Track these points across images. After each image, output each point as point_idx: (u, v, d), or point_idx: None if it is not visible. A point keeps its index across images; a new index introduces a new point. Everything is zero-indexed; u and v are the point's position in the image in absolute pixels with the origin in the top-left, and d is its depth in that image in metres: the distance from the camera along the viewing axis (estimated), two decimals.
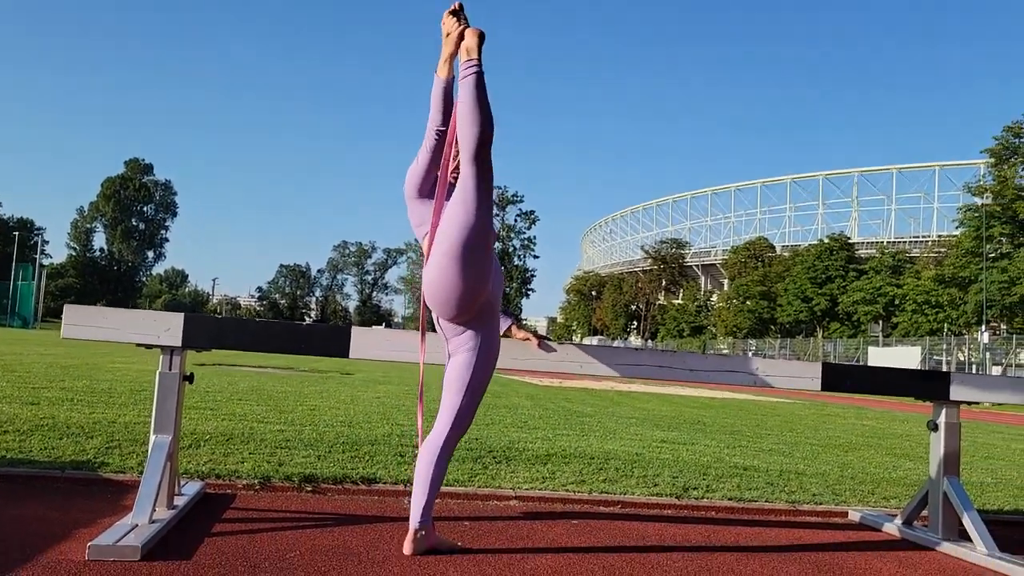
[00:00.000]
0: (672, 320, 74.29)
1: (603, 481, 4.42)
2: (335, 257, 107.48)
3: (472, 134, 2.56)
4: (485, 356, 2.83)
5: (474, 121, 2.56)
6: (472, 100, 2.57)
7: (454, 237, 2.61)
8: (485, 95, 2.58)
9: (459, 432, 2.86)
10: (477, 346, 2.81)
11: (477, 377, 2.82)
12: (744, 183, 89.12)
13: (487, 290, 2.75)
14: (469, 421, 2.88)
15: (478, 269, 2.66)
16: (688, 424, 8.86)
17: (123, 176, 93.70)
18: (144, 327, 2.99)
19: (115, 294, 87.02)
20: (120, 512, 2.97)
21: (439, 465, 2.80)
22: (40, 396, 6.22)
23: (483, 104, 2.57)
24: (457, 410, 2.82)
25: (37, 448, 4.05)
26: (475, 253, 2.62)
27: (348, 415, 6.64)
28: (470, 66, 2.61)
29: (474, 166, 2.58)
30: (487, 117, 2.57)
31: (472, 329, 2.80)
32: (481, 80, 2.59)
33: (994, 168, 41.64)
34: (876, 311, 52.07)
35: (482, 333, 2.82)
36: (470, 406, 2.84)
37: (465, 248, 2.60)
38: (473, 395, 2.83)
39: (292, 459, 4.25)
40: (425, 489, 2.77)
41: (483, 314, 2.80)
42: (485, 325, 2.83)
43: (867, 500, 4.67)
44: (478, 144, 2.56)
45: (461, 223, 2.60)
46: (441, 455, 2.81)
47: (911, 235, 71.05)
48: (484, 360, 2.83)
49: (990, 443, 9.74)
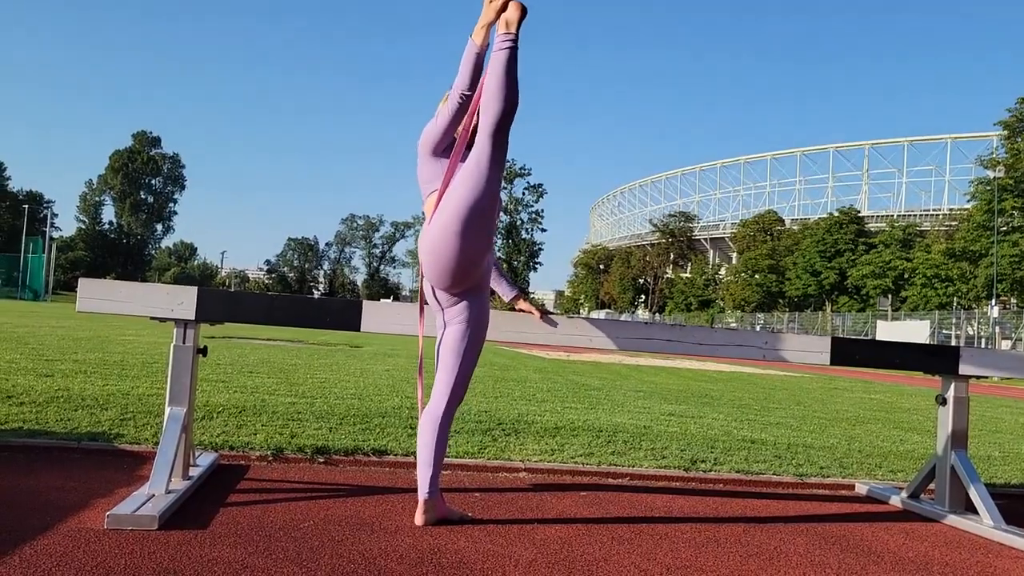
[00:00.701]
0: (680, 294, 74.21)
1: (611, 454, 4.46)
2: (343, 230, 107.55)
3: (497, 107, 2.56)
4: (477, 326, 2.87)
5: (501, 95, 2.56)
6: (503, 74, 2.56)
7: (459, 203, 2.62)
8: (515, 71, 2.58)
9: (456, 401, 2.90)
10: (470, 317, 2.84)
11: (471, 347, 2.86)
12: (754, 156, 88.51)
13: (484, 262, 2.77)
14: (464, 390, 2.92)
15: (478, 239, 2.67)
16: (696, 398, 8.90)
17: (131, 149, 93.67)
18: (158, 301, 3.02)
19: (125, 267, 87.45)
20: (136, 482, 3.02)
21: (440, 435, 2.84)
22: (54, 368, 6.29)
23: (512, 79, 2.57)
24: (453, 380, 2.86)
25: (53, 420, 4.11)
26: (478, 222, 2.63)
27: (358, 388, 6.69)
28: (507, 39, 2.60)
29: (493, 138, 2.59)
30: (514, 93, 2.57)
31: (467, 300, 2.83)
32: (515, 55, 2.58)
33: (1007, 141, 41.13)
34: (885, 285, 51.84)
35: (476, 304, 2.85)
36: (465, 375, 2.88)
37: (469, 216, 2.61)
38: (468, 365, 2.86)
39: (304, 431, 4.30)
40: (430, 460, 2.82)
41: (478, 287, 2.83)
42: (479, 297, 2.86)
43: (874, 473, 4.69)
44: (501, 117, 2.57)
45: (469, 190, 2.61)
46: (442, 425, 2.85)
47: (922, 208, 70.53)
48: (477, 330, 2.87)
49: (998, 417, 9.74)
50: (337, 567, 2.30)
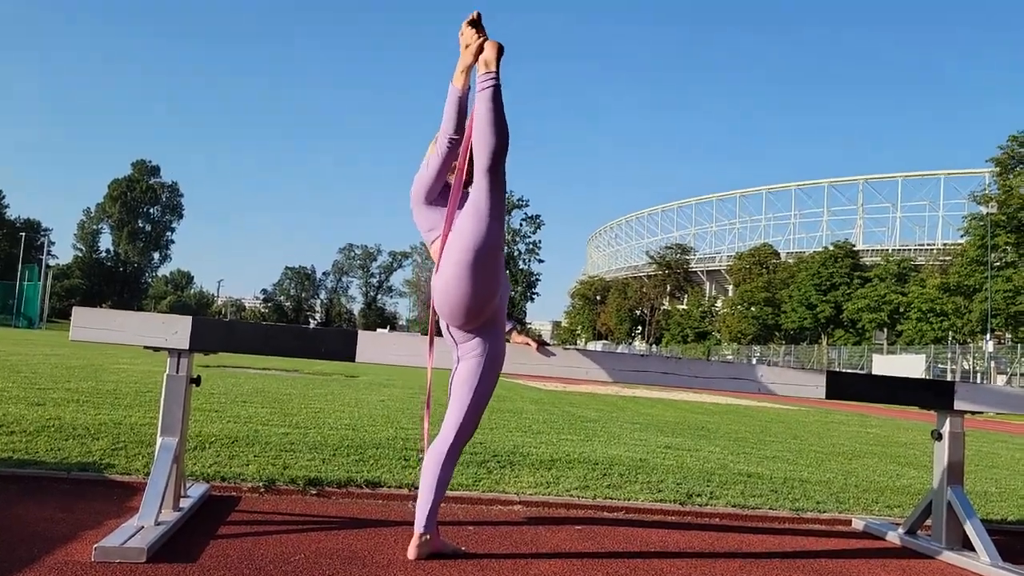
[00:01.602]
0: (676, 325, 74.22)
1: (607, 487, 4.43)
2: (340, 260, 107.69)
3: (488, 146, 2.59)
4: (492, 362, 2.84)
5: (491, 133, 2.59)
6: (489, 113, 2.60)
7: (466, 246, 2.63)
8: (502, 108, 2.62)
9: (465, 437, 2.87)
10: (484, 352, 2.82)
11: (484, 383, 2.83)
12: (749, 189, 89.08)
13: (497, 298, 2.77)
14: (475, 426, 2.89)
15: (489, 278, 2.68)
16: (692, 430, 8.86)
17: (130, 178, 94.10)
18: (152, 330, 3.01)
19: (120, 295, 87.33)
20: (126, 514, 2.98)
21: (445, 470, 2.81)
22: (46, 397, 6.24)
23: (500, 117, 2.60)
24: (463, 415, 2.82)
25: (43, 449, 4.07)
26: (487, 262, 2.65)
27: (353, 418, 6.65)
28: (488, 78, 2.63)
29: (488, 177, 2.61)
30: (503, 130, 2.60)
31: (480, 336, 2.81)
32: (499, 93, 2.62)
33: (999, 177, 41.53)
34: (881, 319, 51.96)
35: (490, 340, 2.83)
36: (476, 412, 2.85)
37: (477, 257, 2.62)
38: (479, 401, 2.84)
39: (297, 462, 4.26)
40: (431, 494, 2.78)
41: (491, 321, 2.82)
42: (493, 332, 2.84)
43: (871, 508, 4.66)
44: (494, 156, 2.59)
45: (473, 232, 2.62)
46: (447, 460, 2.82)
47: (916, 243, 70.86)
48: (491, 366, 2.84)
49: (994, 452, 9.71)
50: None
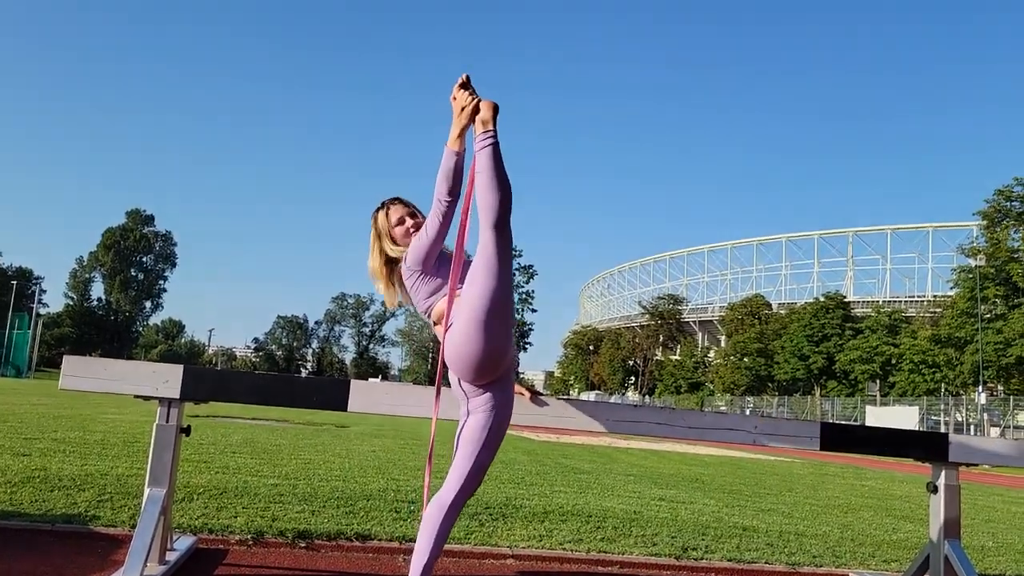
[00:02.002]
0: (670, 376, 74.03)
1: (601, 540, 4.36)
2: (333, 309, 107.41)
3: (494, 203, 2.60)
4: (502, 416, 2.81)
5: (495, 189, 2.61)
6: (491, 170, 2.62)
7: (478, 303, 2.61)
8: (503, 164, 2.65)
9: (469, 492, 2.82)
10: (495, 407, 2.80)
11: (492, 437, 2.80)
12: (740, 241, 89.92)
13: (509, 353, 2.76)
14: (479, 481, 2.83)
15: (501, 332, 2.66)
16: (686, 482, 8.77)
17: (124, 227, 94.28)
18: (143, 379, 2.99)
19: (111, 344, 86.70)
20: (110, 567, 2.92)
21: (445, 525, 2.75)
22: (32, 447, 6.16)
23: (502, 173, 2.63)
24: (470, 469, 2.77)
25: (28, 500, 4.00)
26: (499, 317, 2.63)
27: (343, 469, 6.57)
28: (487, 136, 2.67)
29: (495, 233, 2.61)
30: (506, 185, 2.63)
31: (492, 390, 2.79)
32: (498, 149, 2.66)
33: (986, 230, 42.04)
34: (873, 370, 51.95)
35: (500, 394, 2.81)
36: (483, 466, 2.81)
37: (490, 313, 2.61)
38: (487, 455, 2.80)
39: (286, 514, 4.20)
40: (428, 549, 2.72)
41: (504, 375, 2.81)
42: (504, 386, 2.82)
43: (868, 563, 4.60)
44: (500, 213, 2.60)
45: (485, 286, 2.60)
46: (449, 513, 2.77)
47: (906, 295, 71.38)
48: (500, 420, 2.81)
49: (990, 505, 9.63)
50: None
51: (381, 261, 3.03)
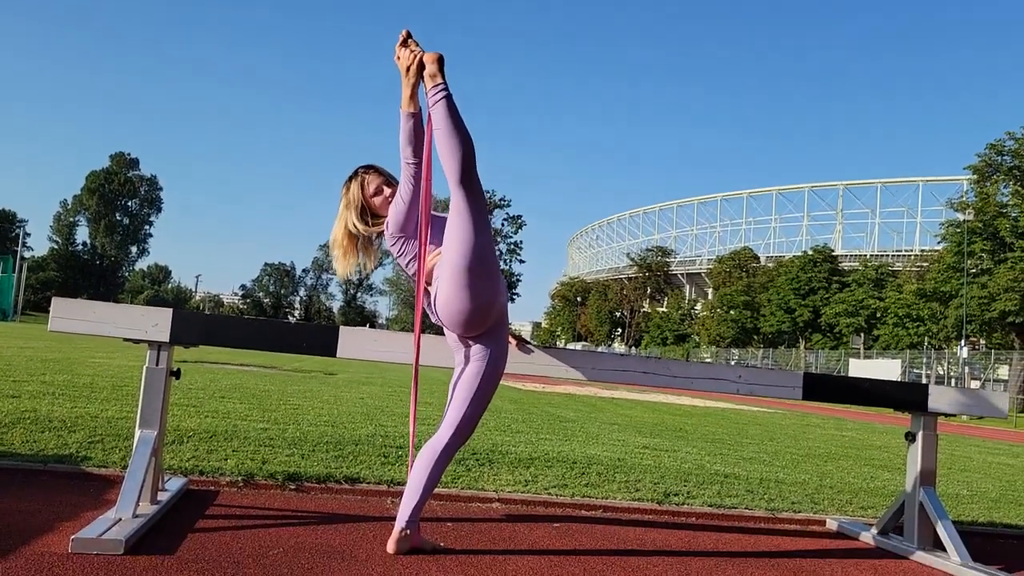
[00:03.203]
0: (656, 328, 74.57)
1: (585, 485, 4.45)
2: (320, 257, 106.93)
3: (456, 157, 2.57)
4: (495, 366, 2.84)
5: (455, 144, 2.57)
6: (448, 124, 2.57)
7: (458, 260, 2.61)
8: (459, 116, 2.60)
9: (461, 439, 2.86)
10: (487, 356, 2.82)
11: (485, 386, 2.83)
12: (730, 193, 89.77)
13: (499, 301, 2.77)
14: (472, 429, 2.89)
15: (486, 285, 2.67)
16: (670, 431, 8.92)
17: (108, 170, 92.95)
18: (132, 322, 2.99)
19: (97, 288, 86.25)
20: (103, 506, 2.97)
21: (436, 469, 2.81)
22: (21, 389, 6.18)
23: (460, 125, 2.58)
24: (462, 418, 2.82)
25: (19, 441, 4.03)
26: (481, 270, 2.63)
27: (332, 415, 6.64)
28: (438, 90, 2.61)
29: (463, 188, 2.59)
30: (466, 137, 2.58)
31: (485, 340, 2.81)
32: (452, 102, 2.60)
33: (976, 185, 42.08)
34: (858, 324, 52.48)
35: (494, 343, 2.83)
36: (476, 414, 2.85)
37: (471, 268, 2.61)
38: (480, 404, 2.84)
39: (275, 457, 4.25)
40: (419, 490, 2.78)
41: (497, 324, 2.82)
42: (497, 336, 2.84)
43: (845, 509, 4.72)
44: (463, 163, 2.57)
45: (462, 244, 2.60)
46: (440, 459, 2.82)
47: (894, 249, 71.75)
48: (493, 370, 2.84)
49: (967, 456, 9.86)
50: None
51: (345, 232, 3.00)
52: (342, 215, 3.02)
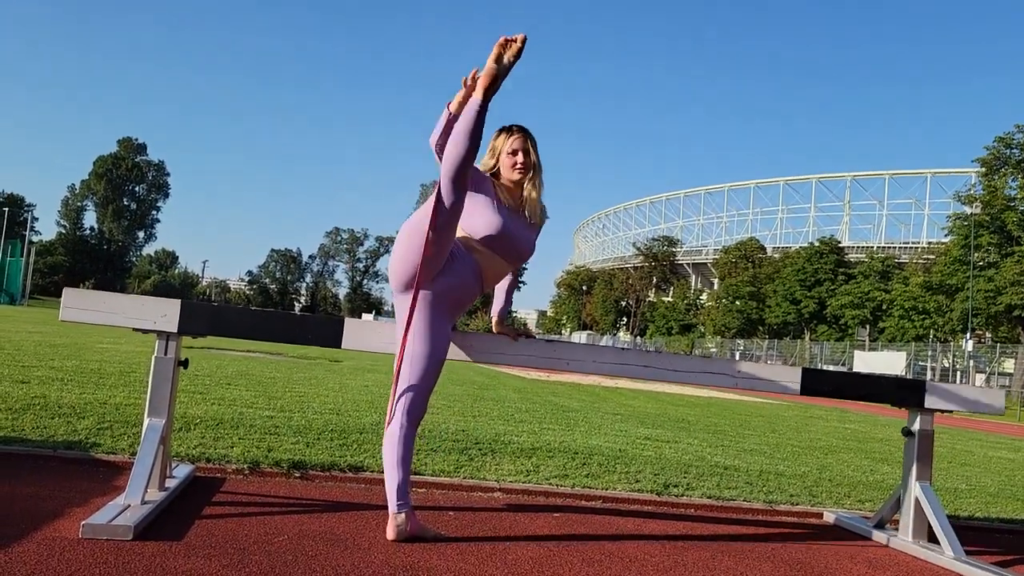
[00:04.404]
0: (661, 318, 74.55)
1: (586, 476, 4.51)
2: (327, 243, 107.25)
3: (453, 153, 2.74)
4: (421, 342, 2.92)
5: (458, 142, 2.73)
6: (466, 124, 2.73)
7: (411, 218, 2.92)
8: (478, 127, 2.73)
9: (407, 411, 2.91)
10: (415, 329, 2.92)
11: (412, 363, 2.92)
12: (738, 183, 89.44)
13: (414, 273, 2.86)
14: (416, 402, 2.93)
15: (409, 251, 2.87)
16: (673, 422, 8.97)
17: (116, 155, 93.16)
18: (142, 312, 3.05)
19: (104, 273, 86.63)
20: (112, 492, 3.03)
21: (395, 446, 2.88)
22: (30, 375, 6.26)
23: (472, 133, 2.72)
24: (402, 390, 2.92)
25: (29, 427, 4.10)
26: (411, 237, 2.87)
27: (337, 403, 6.71)
28: (476, 101, 2.73)
29: (443, 183, 2.78)
30: (469, 144, 2.72)
31: (411, 312, 2.89)
32: (480, 115, 2.72)
33: (984, 178, 41.87)
34: (863, 315, 52.40)
35: (419, 319, 2.92)
36: (411, 386, 2.91)
37: (411, 227, 2.88)
38: (410, 371, 2.91)
39: (281, 445, 4.32)
40: (392, 472, 2.87)
41: (420, 302, 2.91)
42: (422, 314, 2.92)
43: (843, 502, 4.77)
44: (454, 163, 2.74)
45: (417, 213, 2.90)
46: (394, 436, 2.89)
47: (901, 241, 71.50)
48: (419, 346, 2.92)
49: (968, 450, 9.89)
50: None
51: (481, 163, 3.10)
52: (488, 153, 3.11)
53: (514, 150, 3.05)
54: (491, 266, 3.05)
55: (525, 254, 3.11)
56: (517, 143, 3.05)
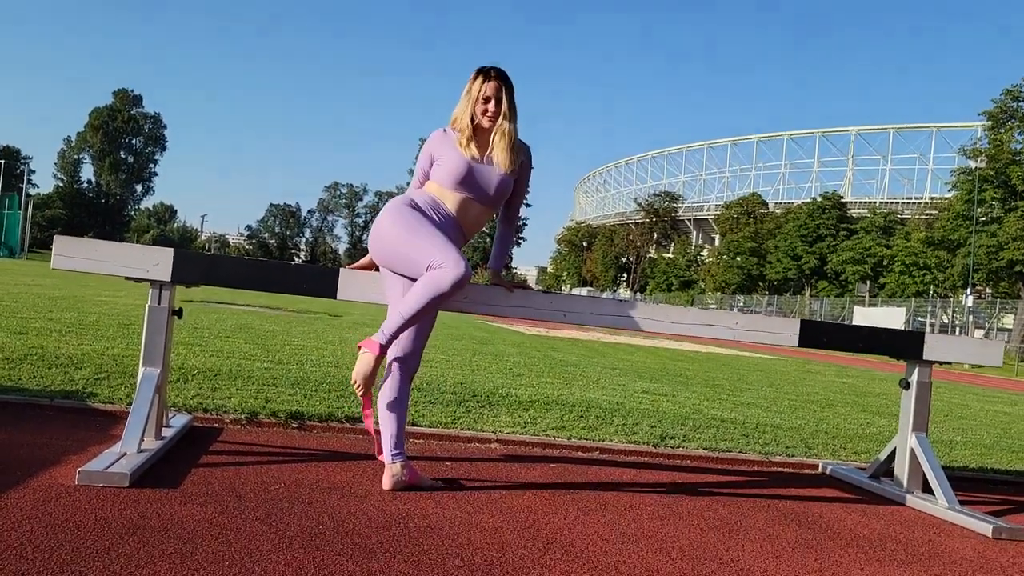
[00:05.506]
0: (662, 274, 74.61)
1: (583, 428, 4.52)
2: (326, 198, 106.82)
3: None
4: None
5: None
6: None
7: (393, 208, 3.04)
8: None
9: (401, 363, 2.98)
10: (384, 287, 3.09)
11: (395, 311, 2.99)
12: (741, 138, 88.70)
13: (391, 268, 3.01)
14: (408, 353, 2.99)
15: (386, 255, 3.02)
16: (671, 376, 9.01)
17: (111, 107, 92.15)
18: (134, 260, 3.01)
19: (103, 227, 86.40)
20: (109, 441, 3.04)
21: (388, 398, 2.95)
22: (28, 326, 6.25)
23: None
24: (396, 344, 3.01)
25: (26, 376, 4.10)
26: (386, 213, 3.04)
27: (335, 356, 6.71)
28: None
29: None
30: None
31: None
32: None
33: (990, 132, 41.43)
34: (864, 271, 52.42)
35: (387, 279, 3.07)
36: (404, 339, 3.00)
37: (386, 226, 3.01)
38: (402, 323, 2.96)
39: (279, 396, 4.32)
40: (387, 425, 2.93)
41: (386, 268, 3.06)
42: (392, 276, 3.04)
43: (838, 454, 4.80)
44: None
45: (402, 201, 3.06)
46: (395, 391, 2.96)
47: (904, 196, 71.15)
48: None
49: (965, 403, 9.95)
50: (306, 528, 2.34)
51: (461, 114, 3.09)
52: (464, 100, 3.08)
53: (487, 97, 3.02)
54: (467, 212, 3.07)
55: (496, 195, 3.08)
56: (490, 90, 3.02)
